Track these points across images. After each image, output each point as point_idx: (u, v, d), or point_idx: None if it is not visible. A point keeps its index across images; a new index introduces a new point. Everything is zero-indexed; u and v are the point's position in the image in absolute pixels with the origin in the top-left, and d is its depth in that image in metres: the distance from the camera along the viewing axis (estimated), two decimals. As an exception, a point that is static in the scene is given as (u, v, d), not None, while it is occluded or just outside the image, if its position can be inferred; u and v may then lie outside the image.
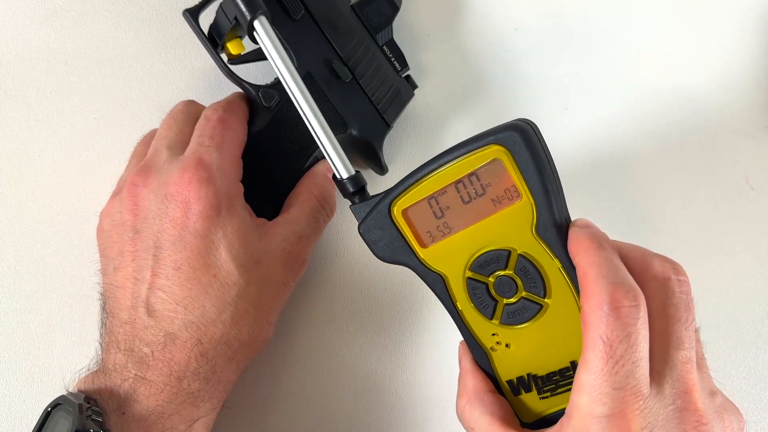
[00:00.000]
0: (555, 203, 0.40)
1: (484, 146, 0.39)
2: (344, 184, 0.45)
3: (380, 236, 0.43)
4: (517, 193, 0.40)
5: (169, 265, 0.44)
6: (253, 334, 0.46)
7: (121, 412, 0.41)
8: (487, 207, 0.41)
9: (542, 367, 0.41)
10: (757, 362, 0.57)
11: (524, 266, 0.41)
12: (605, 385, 0.35)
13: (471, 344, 0.43)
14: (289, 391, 0.55)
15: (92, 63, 0.56)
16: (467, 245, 0.41)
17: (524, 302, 0.41)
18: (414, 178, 0.41)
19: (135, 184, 0.46)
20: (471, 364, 0.43)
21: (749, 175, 0.58)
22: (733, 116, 0.58)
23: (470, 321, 0.42)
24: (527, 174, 0.39)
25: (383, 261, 0.43)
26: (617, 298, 0.36)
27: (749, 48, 0.59)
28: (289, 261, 0.49)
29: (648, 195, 0.58)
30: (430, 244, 0.42)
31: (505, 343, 0.42)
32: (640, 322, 0.36)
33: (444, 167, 0.40)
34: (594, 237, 0.39)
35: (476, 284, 0.42)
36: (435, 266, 0.42)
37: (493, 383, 0.43)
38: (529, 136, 0.39)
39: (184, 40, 0.56)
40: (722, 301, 0.57)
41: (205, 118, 0.49)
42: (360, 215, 0.44)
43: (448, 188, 0.41)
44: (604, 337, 0.35)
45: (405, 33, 0.58)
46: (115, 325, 0.45)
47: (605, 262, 0.37)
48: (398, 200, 0.42)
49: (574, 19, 0.59)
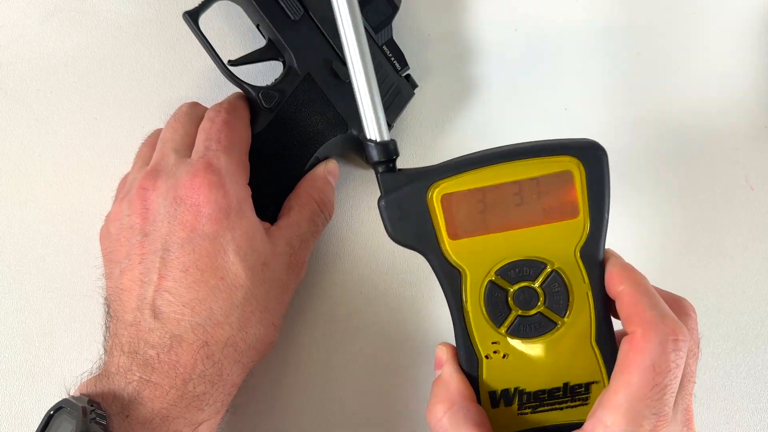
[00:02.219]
0: (605, 228, 0.40)
1: (560, 155, 0.39)
2: (373, 148, 0.41)
3: (403, 215, 0.40)
4: (575, 209, 0.39)
5: (176, 267, 0.44)
6: (260, 336, 0.46)
7: (125, 415, 0.41)
8: (537, 215, 0.39)
9: (533, 383, 0.41)
10: (757, 362, 0.57)
11: (554, 282, 0.40)
12: (646, 410, 0.36)
13: (463, 348, 0.41)
14: (291, 393, 0.55)
15: (92, 63, 0.56)
16: (501, 248, 0.40)
17: (540, 317, 0.40)
18: (467, 165, 0.39)
19: (144, 188, 0.46)
20: (456, 369, 0.42)
21: (749, 174, 0.58)
22: (733, 116, 0.58)
23: (474, 324, 0.41)
24: (594, 195, 0.39)
25: (396, 241, 0.41)
26: (676, 331, 0.37)
27: (749, 48, 0.59)
28: (292, 264, 0.49)
29: (648, 195, 0.58)
30: (461, 237, 0.40)
31: (504, 353, 0.41)
32: (685, 357, 0.37)
33: (507, 163, 0.39)
34: (637, 270, 0.40)
35: (496, 289, 0.40)
36: (458, 260, 0.40)
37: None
38: (606, 159, 0.39)
39: (184, 40, 0.56)
40: (722, 301, 0.57)
41: (210, 120, 0.49)
42: (386, 186, 0.40)
43: (503, 186, 0.39)
44: (657, 366, 0.36)
45: (405, 32, 0.57)
46: (119, 328, 0.45)
47: (654, 295, 0.39)
48: (441, 183, 0.39)
49: (574, 19, 0.59)
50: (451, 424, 0.40)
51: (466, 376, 0.41)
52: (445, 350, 0.43)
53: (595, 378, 0.41)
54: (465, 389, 0.41)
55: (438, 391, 0.41)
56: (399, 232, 0.40)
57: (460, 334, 0.41)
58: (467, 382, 0.41)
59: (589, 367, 0.41)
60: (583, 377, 0.41)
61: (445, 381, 0.41)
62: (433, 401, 0.41)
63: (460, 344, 0.41)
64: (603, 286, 0.40)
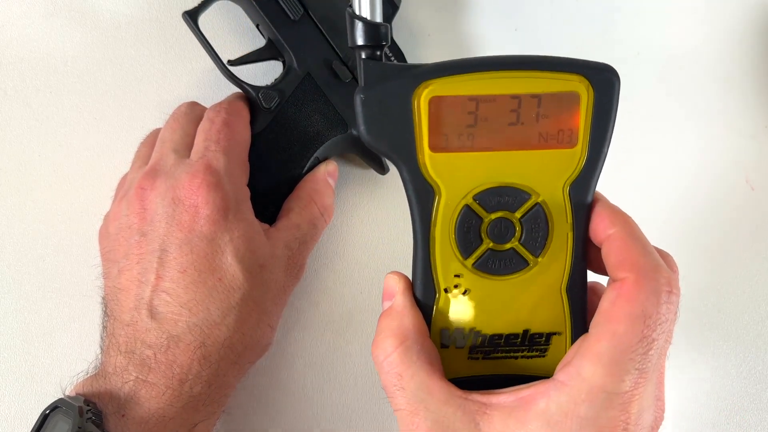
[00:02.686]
0: (601, 165, 0.36)
1: (569, 72, 0.35)
2: (360, 26, 0.36)
3: (383, 114, 0.35)
4: (574, 138, 0.35)
5: (174, 267, 0.44)
6: (256, 338, 0.46)
7: (121, 415, 0.41)
8: (532, 139, 0.35)
9: (490, 325, 0.37)
10: (757, 362, 0.57)
11: (536, 217, 0.36)
12: (630, 364, 0.33)
13: (421, 279, 0.37)
14: (288, 393, 0.55)
15: (92, 63, 0.56)
16: (485, 169, 0.36)
17: (513, 254, 0.36)
18: (464, 67, 0.35)
19: (143, 188, 0.46)
20: (411, 301, 0.37)
21: (750, 174, 0.58)
22: (733, 116, 0.58)
23: (438, 252, 0.37)
24: (598, 124, 0.35)
25: (368, 144, 0.36)
26: (671, 283, 0.34)
27: (750, 48, 0.59)
28: (290, 266, 0.49)
29: (648, 194, 0.58)
30: (442, 150, 0.35)
31: (465, 288, 0.37)
32: (676, 312, 0.35)
33: (509, 72, 0.35)
34: (629, 215, 0.37)
35: (471, 215, 0.36)
36: (434, 176, 0.36)
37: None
38: (619, 85, 0.35)
39: (184, 40, 0.56)
40: (722, 301, 0.57)
41: (209, 121, 0.49)
42: (368, 76, 0.35)
43: (500, 98, 0.35)
44: (648, 317, 0.33)
45: (405, 32, 0.57)
46: (116, 328, 0.45)
47: (648, 242, 0.36)
48: (432, 83, 0.35)
49: (574, 19, 0.59)
50: (403, 361, 0.36)
51: (420, 310, 0.37)
52: (397, 279, 0.38)
53: (557, 329, 0.37)
54: (419, 323, 0.37)
55: (389, 323, 0.37)
56: (374, 133, 0.35)
57: (420, 261, 0.37)
58: (422, 316, 0.37)
59: (553, 316, 0.37)
60: (545, 326, 0.37)
61: (398, 313, 0.37)
62: (382, 335, 0.37)
63: (418, 273, 0.37)
64: (586, 230, 0.37)
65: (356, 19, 0.36)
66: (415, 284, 0.38)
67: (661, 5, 0.59)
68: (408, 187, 0.36)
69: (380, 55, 0.36)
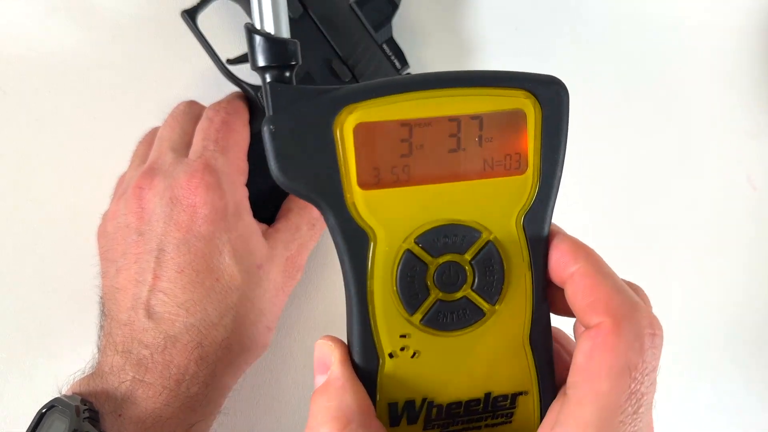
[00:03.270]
0: (555, 192, 0.32)
1: (511, 87, 0.30)
2: (262, 44, 0.30)
3: (297, 147, 0.29)
4: (524, 162, 0.31)
5: (172, 267, 0.44)
6: (254, 338, 0.46)
7: (118, 415, 0.41)
8: (476, 166, 0.31)
9: (446, 393, 0.31)
10: (759, 362, 0.56)
11: (489, 257, 0.31)
12: (620, 428, 0.28)
13: (360, 343, 0.31)
14: (286, 394, 0.54)
15: (91, 62, 0.56)
16: (425, 206, 0.31)
17: (466, 303, 0.31)
18: (393, 87, 0.30)
19: (140, 187, 0.46)
20: (350, 373, 0.31)
21: (751, 174, 0.58)
22: (735, 116, 0.58)
23: (378, 310, 0.31)
24: (549, 145, 0.31)
25: (282, 184, 0.30)
26: (653, 323, 0.29)
27: (752, 47, 0.59)
28: (288, 267, 0.49)
29: (649, 194, 0.57)
30: (373, 187, 0.30)
31: (414, 350, 0.31)
32: (660, 356, 0.30)
33: (444, 90, 0.30)
34: (592, 248, 0.32)
35: (414, 261, 0.31)
36: (366, 219, 0.30)
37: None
38: (568, 100, 0.31)
39: (183, 39, 0.55)
40: (723, 301, 0.57)
41: (208, 120, 0.49)
42: (277, 102, 0.29)
43: (437, 121, 0.30)
44: (634, 368, 0.28)
45: (405, 31, 0.57)
46: (113, 327, 0.45)
47: (617, 278, 0.31)
48: (356, 107, 0.29)
49: (575, 19, 0.58)
50: None
51: (362, 382, 0.31)
52: (331, 347, 0.32)
53: (523, 387, 0.32)
54: (363, 400, 0.30)
55: (325, 404, 0.30)
56: (289, 172, 0.29)
57: (358, 323, 0.31)
58: (365, 392, 0.31)
59: (517, 373, 0.32)
60: (509, 386, 0.32)
61: (336, 389, 0.30)
62: (317, 419, 0.30)
63: (355, 338, 0.31)
64: (546, 267, 0.32)
65: (257, 35, 0.31)
66: (353, 351, 0.31)
67: (662, 4, 0.59)
68: (335, 233, 0.31)
69: (290, 77, 0.31)
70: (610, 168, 0.57)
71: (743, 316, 0.57)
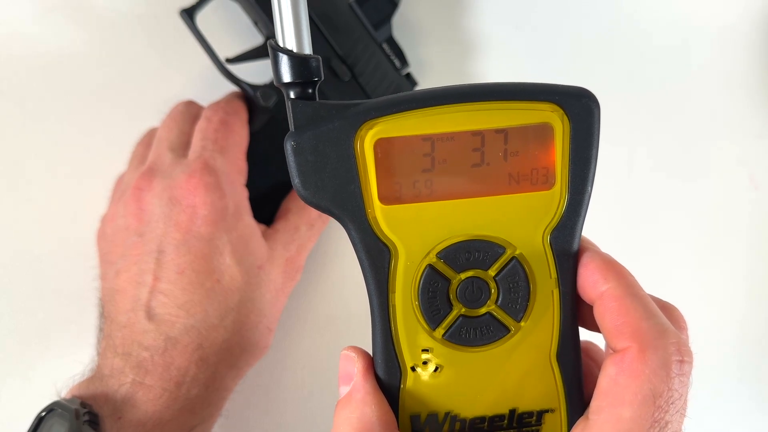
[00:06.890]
0: (585, 207, 0.31)
1: (538, 101, 0.30)
2: (287, 61, 0.30)
3: (320, 163, 0.29)
4: (551, 177, 0.30)
5: (171, 268, 0.44)
6: (254, 340, 0.46)
7: (117, 417, 0.41)
8: (501, 181, 0.30)
9: (470, 407, 0.31)
10: (761, 363, 0.56)
11: (514, 273, 0.31)
12: None
13: (383, 355, 0.31)
14: (286, 395, 0.54)
15: (88, 61, 0.55)
16: (448, 222, 0.30)
17: (490, 320, 0.31)
18: (415, 101, 0.30)
19: (139, 188, 0.46)
20: (373, 386, 0.31)
21: (753, 174, 0.57)
22: (737, 115, 0.58)
23: (401, 324, 0.31)
24: (579, 158, 0.30)
25: (305, 199, 0.30)
26: (681, 350, 0.28)
27: (755, 46, 0.59)
28: (288, 267, 0.49)
29: (651, 194, 0.57)
30: (395, 202, 0.30)
31: (436, 364, 0.31)
32: (689, 384, 0.29)
33: (466, 105, 0.30)
34: (624, 267, 0.31)
35: (436, 277, 0.31)
36: (388, 233, 0.30)
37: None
38: (599, 113, 0.30)
39: (181, 38, 0.55)
40: (725, 301, 0.57)
41: (207, 120, 0.48)
42: (299, 119, 0.30)
43: (459, 135, 0.30)
44: (659, 396, 0.28)
45: (405, 30, 0.57)
46: (113, 329, 0.44)
47: (649, 300, 0.30)
48: (377, 122, 0.29)
49: (576, 18, 0.58)
50: None
51: (384, 395, 0.31)
52: (355, 359, 0.32)
53: (550, 405, 0.32)
54: (385, 413, 0.30)
55: (348, 416, 0.30)
56: (312, 187, 0.30)
57: (380, 335, 0.31)
58: (387, 404, 0.31)
59: (544, 390, 0.32)
60: (535, 403, 0.32)
61: (359, 403, 0.31)
62: (342, 428, 0.30)
63: (378, 350, 0.31)
64: (574, 284, 0.31)
65: (281, 52, 0.30)
66: (375, 363, 0.32)
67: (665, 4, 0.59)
68: (357, 247, 0.31)
69: (313, 93, 0.30)
70: (610, 168, 0.57)
71: (746, 316, 0.57)
